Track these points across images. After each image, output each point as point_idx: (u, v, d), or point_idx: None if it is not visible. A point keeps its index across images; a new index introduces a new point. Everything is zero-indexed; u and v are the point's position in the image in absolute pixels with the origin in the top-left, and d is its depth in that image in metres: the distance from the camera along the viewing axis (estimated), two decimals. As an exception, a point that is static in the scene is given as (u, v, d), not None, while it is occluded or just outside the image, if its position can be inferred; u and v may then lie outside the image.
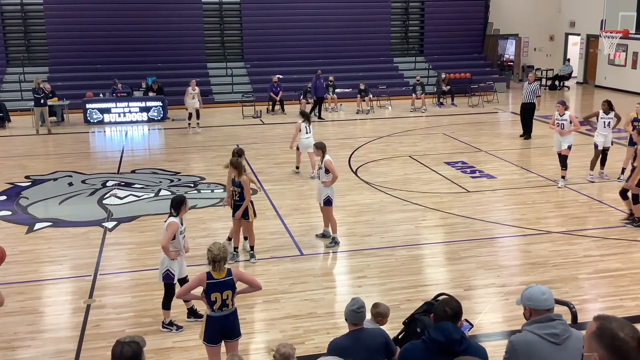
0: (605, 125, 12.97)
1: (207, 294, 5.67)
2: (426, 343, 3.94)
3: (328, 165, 9.49)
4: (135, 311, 7.73)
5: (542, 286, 3.88)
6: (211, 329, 5.78)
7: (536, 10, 28.82)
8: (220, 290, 5.66)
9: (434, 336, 3.90)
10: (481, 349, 4.08)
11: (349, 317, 4.87)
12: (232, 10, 25.70)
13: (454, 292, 7.93)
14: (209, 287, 5.66)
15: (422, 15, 27.42)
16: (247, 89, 23.74)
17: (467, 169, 14.12)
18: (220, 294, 5.65)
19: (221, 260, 5.68)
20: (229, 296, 5.70)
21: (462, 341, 3.89)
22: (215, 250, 5.68)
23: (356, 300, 4.92)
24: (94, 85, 22.24)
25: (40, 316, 7.73)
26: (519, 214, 11.10)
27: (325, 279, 8.70)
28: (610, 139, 12.98)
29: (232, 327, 5.84)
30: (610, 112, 12.98)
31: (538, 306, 3.76)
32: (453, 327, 3.92)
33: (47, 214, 11.49)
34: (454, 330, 3.90)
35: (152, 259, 9.32)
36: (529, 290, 3.85)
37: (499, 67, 28.28)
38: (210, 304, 5.70)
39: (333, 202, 9.68)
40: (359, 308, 4.86)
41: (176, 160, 15.46)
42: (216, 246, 5.75)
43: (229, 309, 5.75)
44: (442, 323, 3.94)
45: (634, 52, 25.00)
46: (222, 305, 5.69)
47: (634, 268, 8.74)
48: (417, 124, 19.94)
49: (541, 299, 3.77)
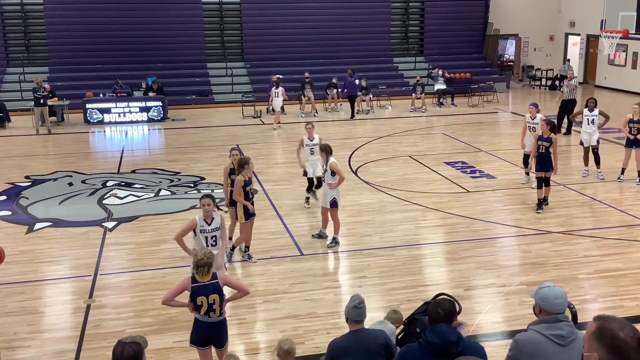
0: (589, 123, 13.03)
1: (193, 297, 5.61)
2: (423, 346, 3.92)
3: (334, 167, 9.43)
4: (135, 311, 7.73)
5: (558, 288, 3.78)
6: (198, 332, 5.76)
7: (536, 11, 28.81)
8: (206, 294, 5.58)
9: (430, 339, 3.88)
10: (480, 348, 4.05)
11: (350, 314, 4.85)
12: (232, 10, 25.70)
13: (454, 292, 7.93)
14: (194, 290, 5.60)
15: (422, 15, 27.42)
16: (247, 89, 23.75)
17: (467, 169, 14.12)
18: (206, 298, 5.58)
19: (204, 266, 5.59)
20: (216, 301, 5.60)
21: (459, 342, 3.86)
22: (199, 255, 5.65)
23: (356, 297, 4.91)
24: (94, 85, 22.24)
25: (41, 316, 7.73)
26: (519, 214, 11.10)
27: (325, 279, 8.69)
28: (596, 137, 12.99)
29: (219, 336, 5.80)
30: (594, 109, 13.05)
31: (549, 309, 3.72)
32: (449, 328, 3.89)
33: (47, 214, 11.49)
34: (449, 331, 3.88)
35: (152, 259, 9.34)
36: (544, 290, 3.77)
37: (499, 67, 28.28)
38: (197, 309, 5.64)
39: (339, 204, 9.66)
40: (359, 303, 4.84)
41: (176, 160, 15.46)
42: (203, 252, 5.73)
43: (216, 316, 5.66)
44: (437, 325, 3.91)
45: (634, 52, 25.00)
46: (209, 310, 5.61)
47: (634, 268, 8.74)
48: (417, 124, 19.94)
49: (553, 303, 3.72)
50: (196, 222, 7.24)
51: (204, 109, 22.99)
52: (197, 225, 7.21)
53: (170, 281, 8.53)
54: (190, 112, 22.08)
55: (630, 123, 12.58)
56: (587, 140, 13.04)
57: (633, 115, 12.60)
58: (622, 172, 12.85)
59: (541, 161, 11.00)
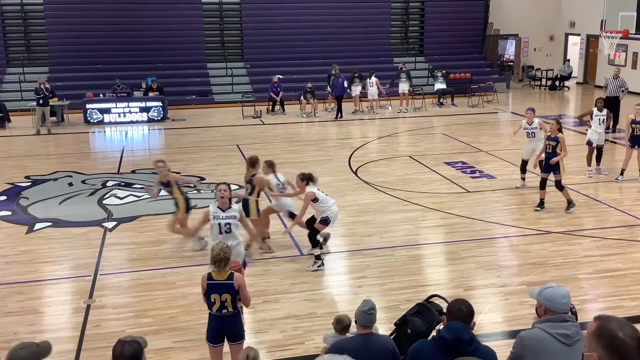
0: (600, 123, 13.08)
1: (207, 294, 5.63)
2: (435, 342, 3.91)
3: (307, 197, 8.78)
4: (135, 311, 7.73)
5: (562, 288, 3.81)
6: (212, 327, 5.79)
7: (536, 11, 28.82)
8: (219, 292, 5.58)
9: (443, 334, 3.86)
10: (490, 352, 3.98)
11: (359, 319, 4.84)
12: (232, 11, 25.71)
13: (454, 292, 7.94)
14: (209, 287, 5.61)
15: (422, 15, 27.43)
16: (247, 89, 23.75)
17: (467, 169, 14.12)
18: (219, 296, 5.59)
19: (221, 261, 5.56)
20: (228, 300, 5.60)
21: (471, 343, 3.82)
22: (216, 250, 5.59)
23: (367, 302, 4.88)
24: (94, 85, 22.23)
25: (40, 316, 7.73)
26: (519, 214, 11.11)
27: (325, 279, 8.69)
28: (603, 137, 13.03)
29: (231, 328, 5.79)
30: (603, 109, 13.09)
31: (556, 309, 3.72)
32: (463, 327, 3.85)
33: (47, 214, 11.49)
34: (463, 330, 3.84)
35: (152, 259, 9.34)
36: (549, 290, 3.78)
37: (499, 67, 28.30)
38: (209, 305, 5.67)
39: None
40: (369, 309, 4.81)
41: (176, 160, 15.44)
42: (218, 246, 5.65)
43: (228, 312, 5.67)
44: (453, 322, 3.87)
45: (634, 52, 25.00)
46: (221, 308, 5.63)
47: (634, 268, 8.74)
48: (418, 124, 19.94)
49: (561, 303, 3.73)
50: (209, 210, 7.17)
51: (204, 109, 22.99)
52: (211, 212, 7.15)
53: (171, 281, 8.54)
54: (190, 112, 22.08)
55: (633, 124, 12.58)
56: (596, 140, 13.04)
57: (635, 116, 12.60)
58: (622, 172, 12.85)
59: (547, 163, 10.89)
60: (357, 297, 7.71)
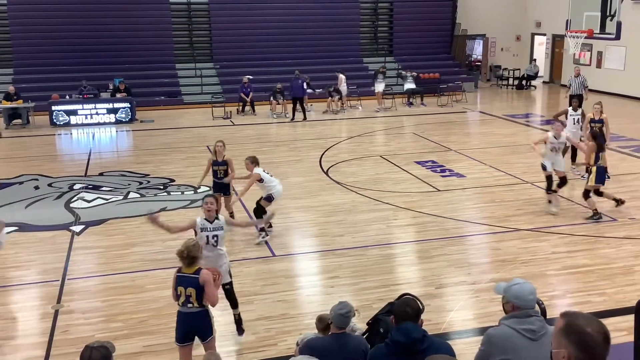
0: (574, 122, 13.31)
1: (176, 287, 5.75)
2: (389, 346, 3.93)
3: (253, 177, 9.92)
4: (104, 316, 7.62)
5: (529, 284, 3.87)
6: (180, 326, 5.84)
7: (503, 11, 29.19)
8: (185, 285, 5.68)
9: (395, 338, 3.89)
10: (445, 345, 4.08)
11: (335, 320, 4.84)
12: (200, 11, 25.52)
13: (426, 290, 8.00)
14: (177, 279, 5.76)
15: (391, 15, 27.58)
16: (217, 89, 23.60)
17: (437, 168, 14.23)
18: (184, 289, 5.68)
19: (185, 259, 5.68)
20: (192, 294, 5.68)
21: (423, 340, 3.88)
22: (182, 246, 5.72)
23: (345, 305, 4.88)
24: (60, 86, 21.82)
25: (8, 323, 7.56)
26: (488, 212, 11.23)
27: (298, 280, 8.68)
28: (579, 135, 13.24)
29: (200, 326, 5.81)
30: (578, 109, 13.33)
31: (524, 305, 3.77)
32: (413, 326, 3.91)
33: (12, 218, 11.24)
34: (414, 329, 3.90)
35: (121, 262, 9.22)
36: (516, 287, 3.83)
37: (467, 67, 28.59)
38: (177, 297, 5.77)
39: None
40: (347, 312, 4.82)
41: (145, 162, 15.29)
42: (186, 243, 5.77)
43: (194, 307, 5.72)
44: (403, 324, 3.93)
45: (598, 52, 25.49)
46: (186, 302, 5.71)
47: (600, 264, 8.90)
48: (388, 123, 20.04)
49: (529, 299, 3.79)
50: (196, 222, 7.14)
51: (173, 110, 22.78)
52: (197, 224, 7.12)
53: (140, 284, 8.44)
54: (159, 114, 21.84)
55: (591, 122, 12.85)
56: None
57: (594, 115, 12.88)
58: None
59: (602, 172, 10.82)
60: (329, 298, 7.72)
